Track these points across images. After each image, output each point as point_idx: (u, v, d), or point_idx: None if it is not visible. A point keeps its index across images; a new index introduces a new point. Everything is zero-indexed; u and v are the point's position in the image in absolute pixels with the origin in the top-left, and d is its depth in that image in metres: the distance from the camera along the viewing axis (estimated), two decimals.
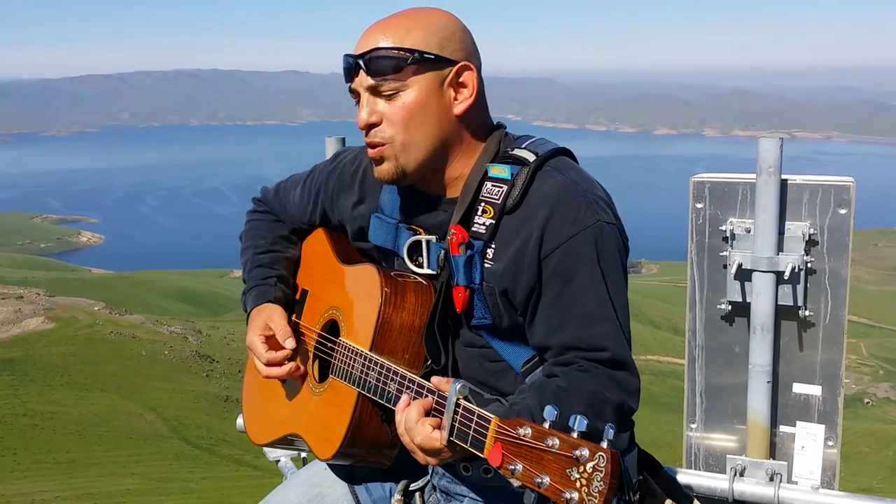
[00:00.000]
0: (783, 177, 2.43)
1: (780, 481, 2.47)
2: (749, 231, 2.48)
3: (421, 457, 1.57)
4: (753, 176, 2.45)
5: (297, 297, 2.05)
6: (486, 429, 1.40)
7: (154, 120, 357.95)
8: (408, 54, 1.64)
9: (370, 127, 1.69)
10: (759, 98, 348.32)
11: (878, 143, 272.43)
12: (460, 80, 1.69)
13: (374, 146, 1.71)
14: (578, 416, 1.26)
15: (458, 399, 1.48)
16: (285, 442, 2.01)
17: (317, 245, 2.05)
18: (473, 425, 1.44)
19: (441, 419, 1.52)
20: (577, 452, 1.23)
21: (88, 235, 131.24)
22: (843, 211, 2.42)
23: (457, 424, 1.48)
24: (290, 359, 1.91)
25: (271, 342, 1.91)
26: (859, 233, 2.47)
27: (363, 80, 1.68)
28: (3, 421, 38.27)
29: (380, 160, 1.71)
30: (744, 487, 2.48)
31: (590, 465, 1.21)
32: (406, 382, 1.64)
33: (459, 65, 1.68)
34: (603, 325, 1.61)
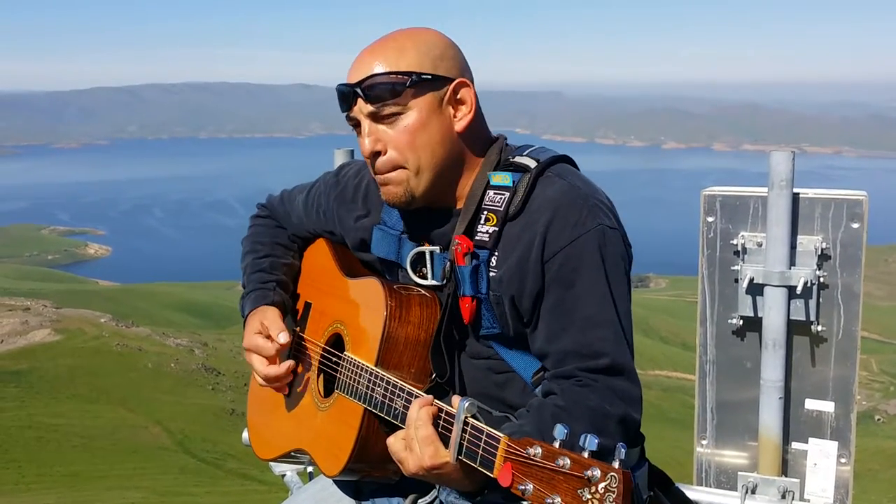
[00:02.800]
0: (795, 190, 2.41)
1: (793, 499, 2.44)
2: (761, 245, 2.46)
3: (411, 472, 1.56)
4: (765, 189, 2.43)
5: (300, 308, 2.04)
6: (496, 448, 1.39)
7: (162, 132, 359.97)
8: (405, 77, 1.64)
9: (376, 155, 1.70)
10: (768, 112, 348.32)
11: (889, 158, 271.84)
12: (458, 96, 1.70)
13: (381, 173, 1.71)
14: (589, 436, 1.25)
15: (466, 417, 1.47)
16: (291, 457, 1.99)
17: (319, 256, 2.04)
18: (482, 444, 1.43)
19: (449, 436, 1.50)
20: (589, 472, 1.22)
21: (96, 247, 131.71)
22: (855, 225, 2.40)
23: (465, 443, 1.46)
24: (294, 371, 1.90)
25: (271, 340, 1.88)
26: (870, 248, 2.45)
27: (362, 107, 1.68)
28: (8, 433, 38.29)
29: (388, 185, 1.72)
30: None
31: (602, 485, 1.21)
32: (412, 399, 1.62)
33: (456, 82, 1.69)
34: (604, 329, 1.60)
